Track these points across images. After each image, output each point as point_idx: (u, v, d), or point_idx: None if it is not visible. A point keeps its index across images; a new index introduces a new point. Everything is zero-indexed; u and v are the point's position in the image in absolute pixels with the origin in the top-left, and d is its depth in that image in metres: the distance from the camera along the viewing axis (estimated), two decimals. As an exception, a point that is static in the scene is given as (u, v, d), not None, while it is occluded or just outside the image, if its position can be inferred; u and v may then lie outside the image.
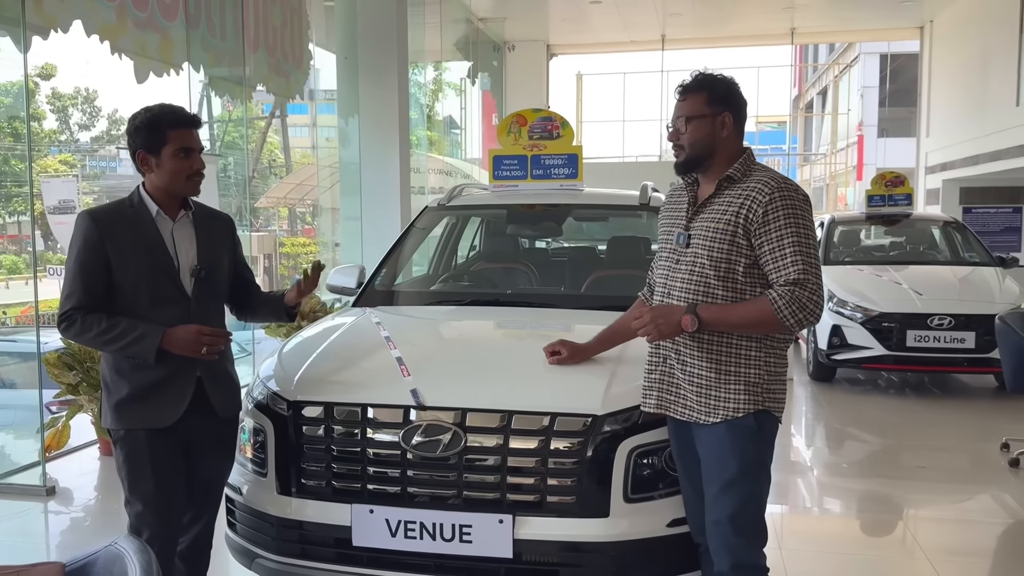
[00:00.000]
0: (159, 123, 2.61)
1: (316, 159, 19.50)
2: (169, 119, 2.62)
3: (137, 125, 2.63)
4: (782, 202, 2.37)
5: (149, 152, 2.62)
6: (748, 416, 2.40)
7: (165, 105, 2.69)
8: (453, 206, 4.50)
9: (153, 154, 2.62)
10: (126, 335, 2.54)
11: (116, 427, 2.63)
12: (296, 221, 30.94)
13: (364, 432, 2.75)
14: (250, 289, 2.99)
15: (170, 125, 2.61)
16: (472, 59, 15.81)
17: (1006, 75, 12.15)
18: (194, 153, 2.66)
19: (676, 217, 2.60)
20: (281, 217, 29.40)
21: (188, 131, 2.65)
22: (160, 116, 2.62)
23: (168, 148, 2.61)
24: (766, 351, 2.43)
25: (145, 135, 2.62)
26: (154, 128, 2.61)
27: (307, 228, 29.64)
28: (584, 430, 2.63)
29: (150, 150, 2.62)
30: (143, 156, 2.63)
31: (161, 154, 2.61)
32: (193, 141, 2.66)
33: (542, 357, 2.95)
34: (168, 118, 2.62)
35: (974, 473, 5.38)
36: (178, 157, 2.62)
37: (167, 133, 2.61)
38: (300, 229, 30.32)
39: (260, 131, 26.25)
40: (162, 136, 2.61)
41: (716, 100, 2.48)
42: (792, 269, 2.33)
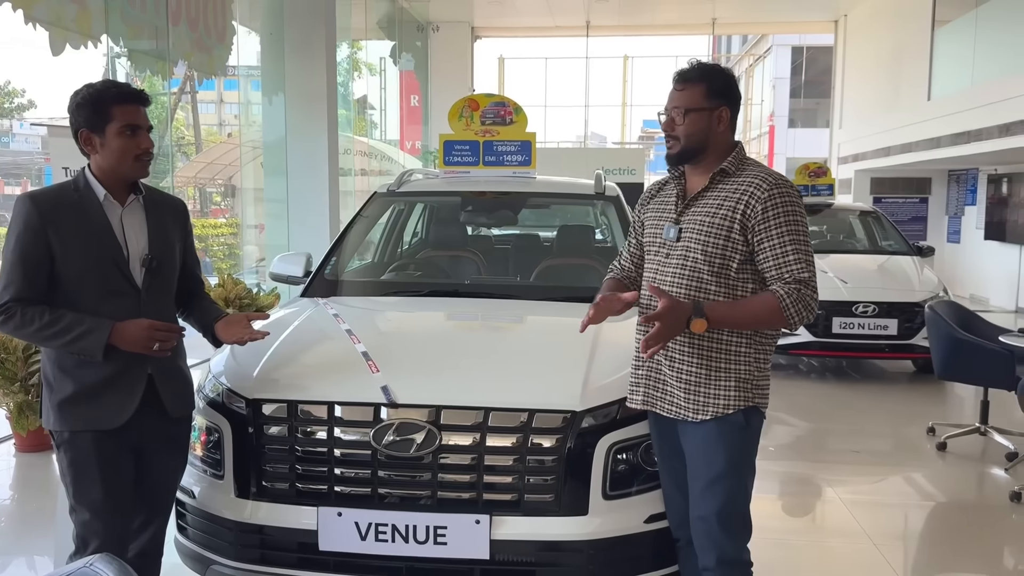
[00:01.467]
0: (102, 99, 2.40)
1: (239, 137, 18.88)
2: (113, 94, 2.41)
3: (79, 102, 2.41)
4: (781, 199, 2.34)
5: (92, 131, 2.41)
6: (737, 412, 2.37)
7: (109, 80, 2.49)
8: (404, 192, 4.35)
9: (97, 133, 2.41)
10: (71, 330, 2.34)
11: (60, 428, 2.42)
12: (207, 202, 29.89)
13: (331, 431, 2.61)
14: (194, 287, 2.77)
15: (115, 101, 2.41)
16: (396, 39, 15.52)
17: (918, 70, 12.63)
18: (141, 131, 2.45)
19: (664, 210, 2.54)
20: (188, 197, 28.37)
21: (134, 107, 2.44)
22: (103, 92, 2.41)
23: (113, 126, 2.40)
24: (755, 347, 2.41)
25: (88, 112, 2.41)
26: (97, 105, 2.40)
27: (215, 208, 28.67)
28: (563, 426, 2.56)
29: (93, 128, 2.41)
30: (86, 135, 2.42)
31: (106, 132, 2.41)
32: (140, 118, 2.46)
33: (514, 351, 2.87)
34: (112, 93, 2.42)
35: (905, 457, 5.56)
36: (124, 135, 2.41)
37: (111, 109, 2.40)
38: (209, 210, 29.30)
39: (167, 108, 25.25)
40: (106, 113, 2.40)
41: (715, 93, 2.42)
42: (796, 267, 2.31)
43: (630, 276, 2.72)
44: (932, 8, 12.21)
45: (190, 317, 2.78)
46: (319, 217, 8.89)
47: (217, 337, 2.68)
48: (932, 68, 12.22)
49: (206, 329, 2.71)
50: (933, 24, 12.22)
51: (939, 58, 12.15)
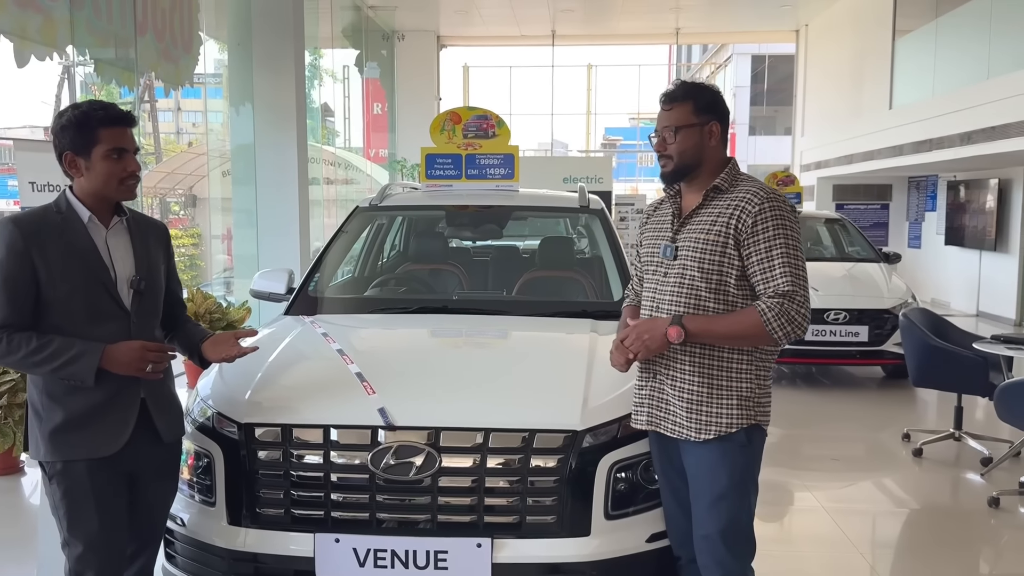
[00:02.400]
0: (88, 121, 2.34)
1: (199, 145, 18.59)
2: (100, 116, 2.35)
3: (64, 124, 2.34)
4: (771, 212, 2.34)
5: (78, 154, 2.35)
6: (740, 431, 2.37)
7: (95, 102, 2.42)
8: (387, 207, 4.30)
9: (82, 156, 2.35)
10: (61, 354, 2.26)
11: (51, 459, 2.34)
12: (167, 212, 29.45)
13: (327, 456, 2.56)
14: (178, 311, 2.71)
15: (101, 123, 2.34)
16: (361, 47, 15.43)
17: (879, 79, 12.86)
18: (128, 154, 2.40)
19: (661, 229, 2.54)
20: (148, 207, 27.91)
21: (121, 129, 2.38)
22: (90, 113, 2.34)
23: (99, 149, 2.34)
24: (756, 364, 2.41)
25: (73, 135, 2.34)
26: (83, 127, 2.33)
27: (173, 218, 28.26)
28: (564, 446, 2.53)
29: (79, 151, 2.34)
30: (71, 158, 2.35)
31: (91, 155, 2.34)
32: (127, 140, 2.40)
33: (510, 369, 2.83)
34: (99, 115, 2.35)
35: (883, 463, 5.62)
36: (110, 159, 2.35)
37: (98, 132, 2.34)
38: (168, 220, 28.86)
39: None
40: (92, 136, 2.34)
41: (703, 109, 2.43)
42: (781, 280, 2.30)
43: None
44: (892, 18, 12.45)
45: (175, 340, 2.71)
46: (289, 226, 8.81)
47: (204, 357, 2.61)
48: (893, 77, 12.45)
49: (192, 350, 2.65)
50: (894, 34, 12.45)
51: (900, 67, 12.38)
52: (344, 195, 15.14)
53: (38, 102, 29.89)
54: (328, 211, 13.68)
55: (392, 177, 16.32)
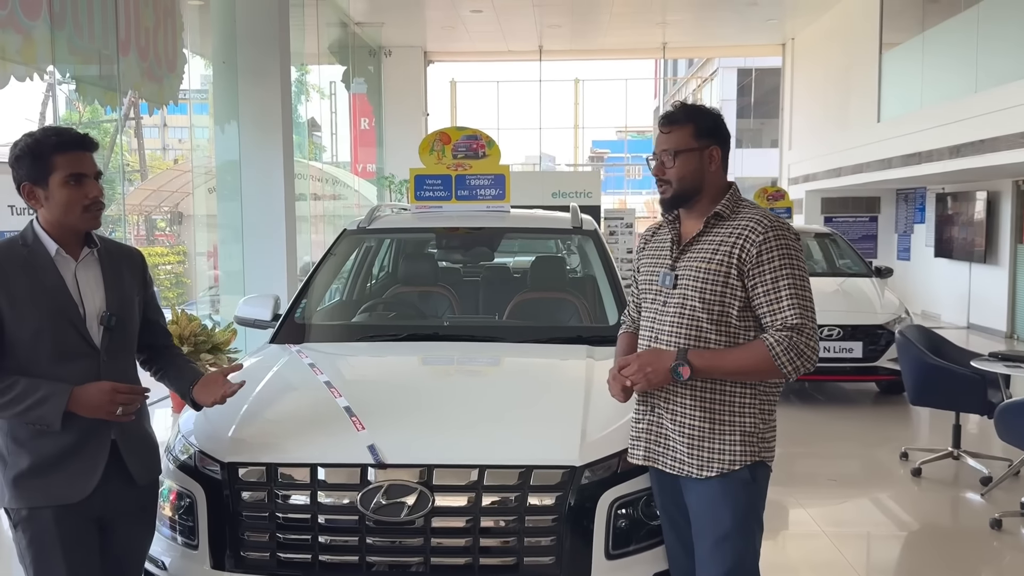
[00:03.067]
0: (42, 148, 2.22)
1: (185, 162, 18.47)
2: (53, 143, 2.23)
3: (17, 154, 2.23)
4: (776, 242, 2.26)
5: (35, 184, 2.23)
6: (743, 468, 2.27)
7: (49, 127, 2.31)
8: (376, 229, 4.20)
9: (40, 185, 2.23)
10: (25, 398, 2.14)
11: (16, 506, 2.21)
12: (152, 230, 29.21)
13: (315, 496, 2.44)
14: (161, 340, 2.58)
15: (56, 149, 2.22)
16: (347, 63, 15.36)
17: (867, 93, 12.87)
18: (88, 179, 2.26)
19: (659, 256, 2.45)
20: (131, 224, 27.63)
21: (78, 154, 2.25)
22: (42, 140, 2.23)
23: (56, 176, 2.22)
24: (760, 398, 2.31)
25: (28, 164, 2.22)
26: (37, 155, 2.22)
27: (159, 234, 28.04)
28: (562, 483, 2.43)
29: (36, 181, 2.23)
30: (29, 189, 2.24)
31: (49, 184, 2.22)
32: (85, 165, 2.26)
33: (504, 401, 2.73)
34: (52, 141, 2.23)
35: (882, 483, 5.54)
36: (68, 185, 2.23)
37: (53, 159, 2.22)
38: (154, 237, 28.62)
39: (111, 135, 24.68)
40: (48, 163, 2.22)
41: (703, 133, 2.35)
42: (789, 313, 2.22)
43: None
44: (879, 32, 12.47)
45: (165, 377, 2.59)
46: (275, 243, 8.72)
47: (196, 402, 2.50)
48: (881, 90, 12.46)
49: (183, 393, 2.53)
50: (881, 47, 12.47)
51: (888, 81, 12.40)
52: (331, 211, 15.04)
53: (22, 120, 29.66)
54: (315, 227, 13.57)
55: (380, 193, 16.22)
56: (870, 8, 12.77)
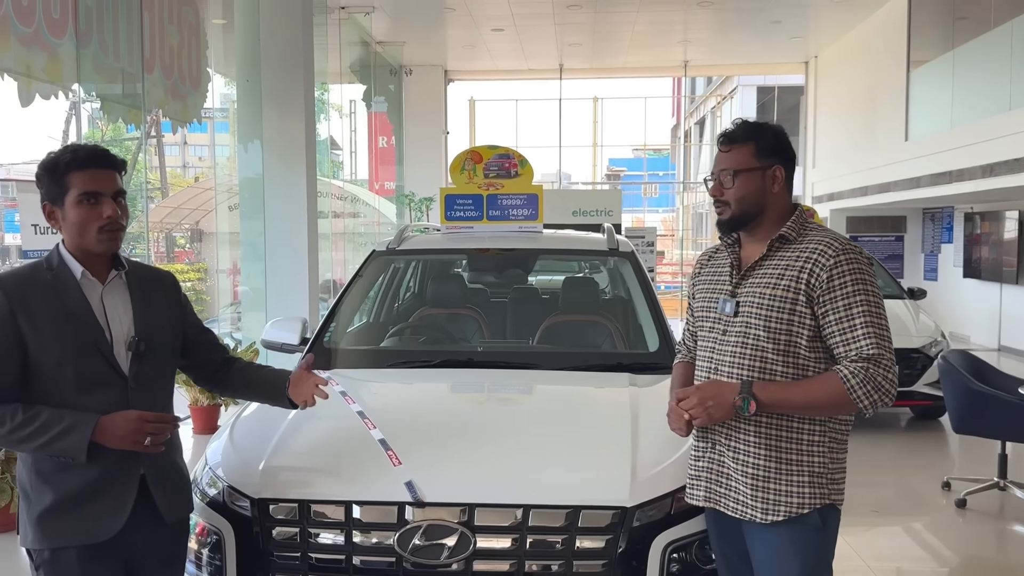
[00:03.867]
0: (57, 166, 2.11)
1: (206, 180, 18.53)
2: (68, 160, 2.11)
3: (38, 173, 2.14)
4: (848, 266, 2.10)
5: (53, 203, 2.13)
6: (813, 512, 2.11)
7: (68, 145, 2.19)
8: (406, 251, 4.08)
9: (57, 205, 2.12)
10: (49, 428, 2.01)
11: (39, 547, 2.08)
12: (172, 247, 29.33)
13: (349, 535, 2.31)
14: (223, 358, 2.48)
15: (70, 167, 2.11)
16: (368, 82, 15.37)
17: (894, 110, 12.69)
18: (104, 198, 2.12)
19: (717, 282, 2.31)
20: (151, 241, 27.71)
21: (94, 171, 2.12)
22: (58, 158, 2.12)
23: (71, 195, 2.11)
24: (830, 435, 2.16)
25: (47, 183, 2.12)
26: (53, 174, 2.11)
27: (179, 251, 28.13)
28: (613, 525, 2.28)
29: (54, 200, 2.13)
30: (49, 209, 2.14)
31: (65, 203, 2.12)
32: (101, 183, 2.13)
33: (548, 434, 2.58)
34: (67, 159, 2.11)
35: (925, 515, 5.33)
36: (83, 204, 2.10)
37: (68, 177, 2.10)
38: (174, 254, 28.73)
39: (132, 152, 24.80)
40: (63, 181, 2.11)
41: (766, 151, 2.20)
42: (865, 343, 2.06)
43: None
44: (907, 50, 12.30)
45: (249, 391, 2.51)
46: (297, 261, 8.67)
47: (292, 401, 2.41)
48: (909, 109, 12.28)
49: (279, 397, 2.43)
50: (908, 65, 12.30)
51: (916, 99, 12.22)
52: (351, 229, 15.00)
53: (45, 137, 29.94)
54: (335, 245, 13.53)
55: (400, 211, 16.17)
56: (897, 26, 12.62)
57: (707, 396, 2.12)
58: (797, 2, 12.72)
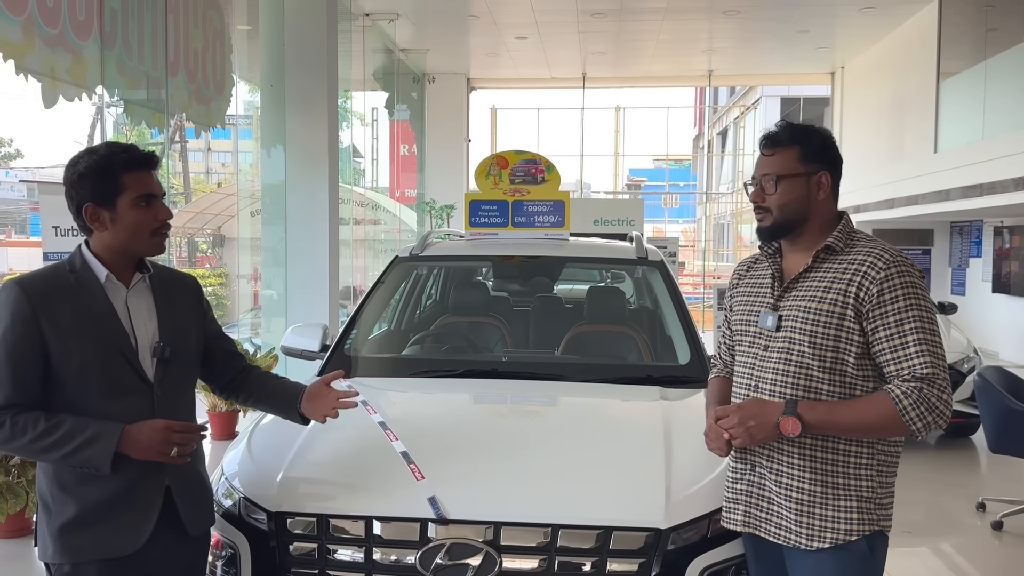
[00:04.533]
0: (110, 167, 2.03)
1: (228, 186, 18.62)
2: (123, 160, 2.05)
3: (82, 172, 2.03)
4: (900, 279, 1.98)
5: (101, 205, 2.04)
6: (860, 539, 1.99)
7: (113, 144, 2.12)
8: (429, 256, 3.99)
9: (106, 207, 2.04)
10: (73, 438, 1.93)
11: (59, 561, 2.00)
12: (194, 251, 29.46)
13: (369, 553, 2.22)
14: (238, 365, 2.41)
15: (125, 168, 2.04)
16: (391, 89, 15.37)
17: (923, 122, 12.49)
18: (156, 200, 2.09)
19: (757, 294, 2.19)
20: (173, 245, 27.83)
21: (147, 173, 2.08)
22: (110, 158, 2.04)
23: (125, 197, 2.04)
24: (879, 458, 2.03)
25: (93, 184, 2.03)
26: (105, 174, 2.03)
27: (200, 256, 28.24)
28: (646, 547, 2.17)
29: (102, 202, 2.04)
30: (93, 211, 2.04)
31: (117, 206, 2.04)
32: (154, 185, 2.10)
33: (576, 450, 2.48)
34: (122, 159, 2.05)
35: (960, 537, 5.16)
36: (139, 207, 2.05)
37: (122, 178, 2.04)
38: (196, 259, 28.85)
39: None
40: (116, 183, 2.03)
41: (811, 156, 2.08)
42: (919, 361, 1.93)
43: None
44: (936, 61, 12.11)
45: (260, 402, 2.42)
46: (318, 268, 8.65)
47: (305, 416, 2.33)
48: (938, 120, 12.08)
49: (290, 410, 2.35)
50: (938, 77, 12.11)
51: (945, 110, 12.02)
52: (372, 235, 14.98)
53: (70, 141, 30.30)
54: (355, 251, 13.50)
55: (420, 218, 16.13)
56: (927, 37, 12.44)
57: (749, 415, 2.00)
58: (825, 12, 12.57)
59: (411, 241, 15.98)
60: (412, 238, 15.81)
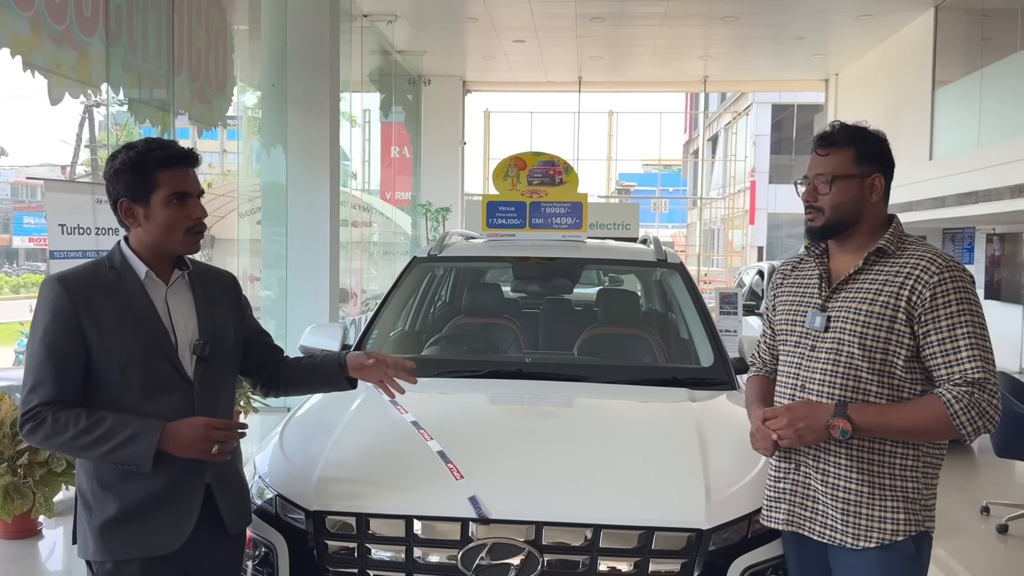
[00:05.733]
0: (145, 163, 2.03)
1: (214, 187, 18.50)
2: (158, 157, 2.05)
3: (118, 167, 2.04)
4: (953, 284, 1.99)
5: (135, 200, 2.04)
6: (907, 539, 2.00)
7: (151, 140, 2.11)
8: (447, 257, 3.98)
9: (140, 203, 2.04)
10: (114, 435, 1.92)
11: (101, 559, 1.99)
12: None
13: (410, 552, 2.21)
14: (279, 359, 2.40)
15: (160, 164, 2.04)
16: (387, 91, 15.35)
17: (918, 130, 12.59)
18: (192, 198, 2.09)
19: (804, 294, 2.20)
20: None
21: (183, 171, 2.08)
22: (146, 154, 2.04)
23: (159, 194, 2.03)
24: (924, 460, 2.05)
25: (129, 179, 2.03)
26: (140, 169, 2.03)
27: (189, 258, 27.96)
28: (688, 548, 2.17)
29: (136, 198, 2.04)
30: (127, 206, 2.04)
31: (151, 202, 2.03)
32: (190, 183, 2.09)
33: (612, 451, 2.48)
34: (157, 155, 2.05)
35: (964, 540, 5.19)
36: (172, 205, 2.05)
37: (157, 175, 2.03)
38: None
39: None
40: (151, 179, 2.03)
41: (866, 158, 2.10)
42: (970, 366, 1.95)
43: (775, 370, 2.34)
44: (932, 69, 12.22)
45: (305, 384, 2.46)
46: (319, 268, 8.60)
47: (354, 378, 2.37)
48: (934, 128, 12.18)
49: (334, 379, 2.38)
50: (934, 84, 12.21)
51: (941, 118, 12.12)
52: (367, 237, 14.93)
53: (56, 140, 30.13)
54: (352, 253, 13.46)
55: (416, 220, 16.10)
56: (922, 45, 12.54)
57: (799, 417, 2.01)
58: (822, 19, 12.66)
59: (405, 244, 15.93)
60: (406, 241, 15.80)
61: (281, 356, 2.42)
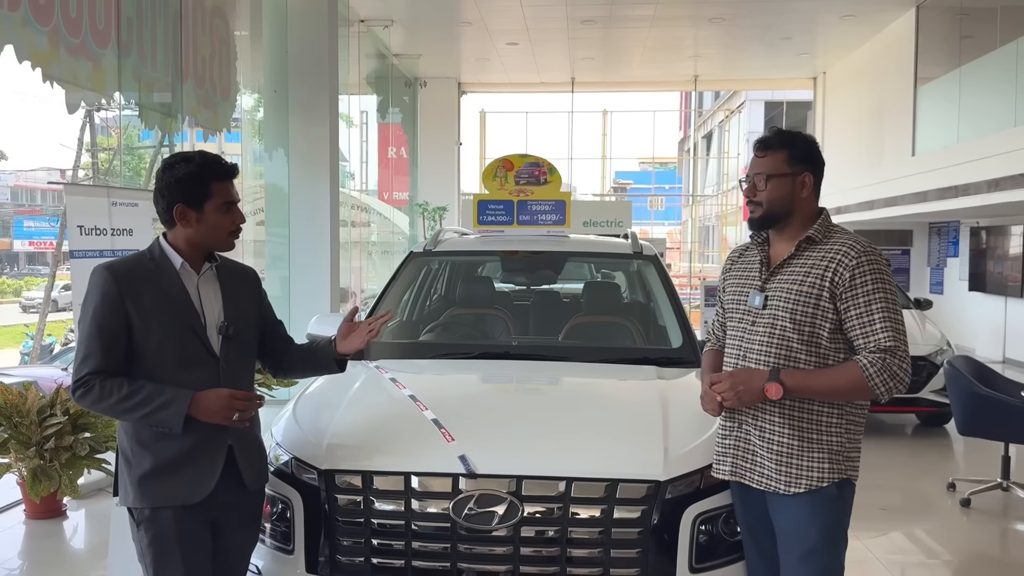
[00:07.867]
0: (203, 175, 2.40)
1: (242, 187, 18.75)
2: (214, 171, 2.42)
3: (179, 177, 2.39)
4: (869, 267, 2.34)
5: (190, 206, 2.40)
6: (831, 484, 2.35)
7: (205, 154, 2.48)
8: (441, 252, 4.33)
9: (195, 208, 2.40)
10: (151, 401, 2.28)
11: (140, 505, 2.35)
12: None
13: (408, 503, 2.55)
14: (287, 344, 2.76)
15: (215, 177, 2.42)
16: (384, 94, 15.66)
17: (901, 126, 12.93)
18: (235, 206, 2.48)
19: (748, 277, 2.55)
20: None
21: (230, 183, 2.47)
22: (204, 168, 2.41)
23: (213, 202, 2.41)
24: (847, 418, 2.39)
25: (187, 187, 2.39)
26: (198, 180, 2.40)
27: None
28: (647, 497, 2.52)
29: (191, 204, 2.40)
30: (182, 211, 2.40)
31: (204, 209, 2.40)
32: (234, 193, 2.48)
33: (585, 417, 2.82)
34: (213, 170, 2.42)
35: (931, 513, 5.54)
36: (222, 212, 2.43)
37: (211, 186, 2.41)
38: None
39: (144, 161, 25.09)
40: (206, 189, 2.40)
41: (797, 159, 2.44)
42: (883, 335, 2.29)
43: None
44: (914, 67, 12.56)
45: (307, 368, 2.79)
46: (320, 268, 8.89)
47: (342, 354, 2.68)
48: (916, 124, 12.52)
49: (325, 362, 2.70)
50: (916, 82, 12.55)
51: (923, 115, 12.46)
52: (365, 237, 15.25)
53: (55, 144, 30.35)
54: (351, 253, 13.78)
55: (413, 220, 16.43)
56: (904, 44, 12.88)
57: (738, 381, 2.36)
58: (807, 19, 12.99)
59: (403, 243, 16.18)
60: (404, 240, 16.13)
61: (291, 343, 2.77)
